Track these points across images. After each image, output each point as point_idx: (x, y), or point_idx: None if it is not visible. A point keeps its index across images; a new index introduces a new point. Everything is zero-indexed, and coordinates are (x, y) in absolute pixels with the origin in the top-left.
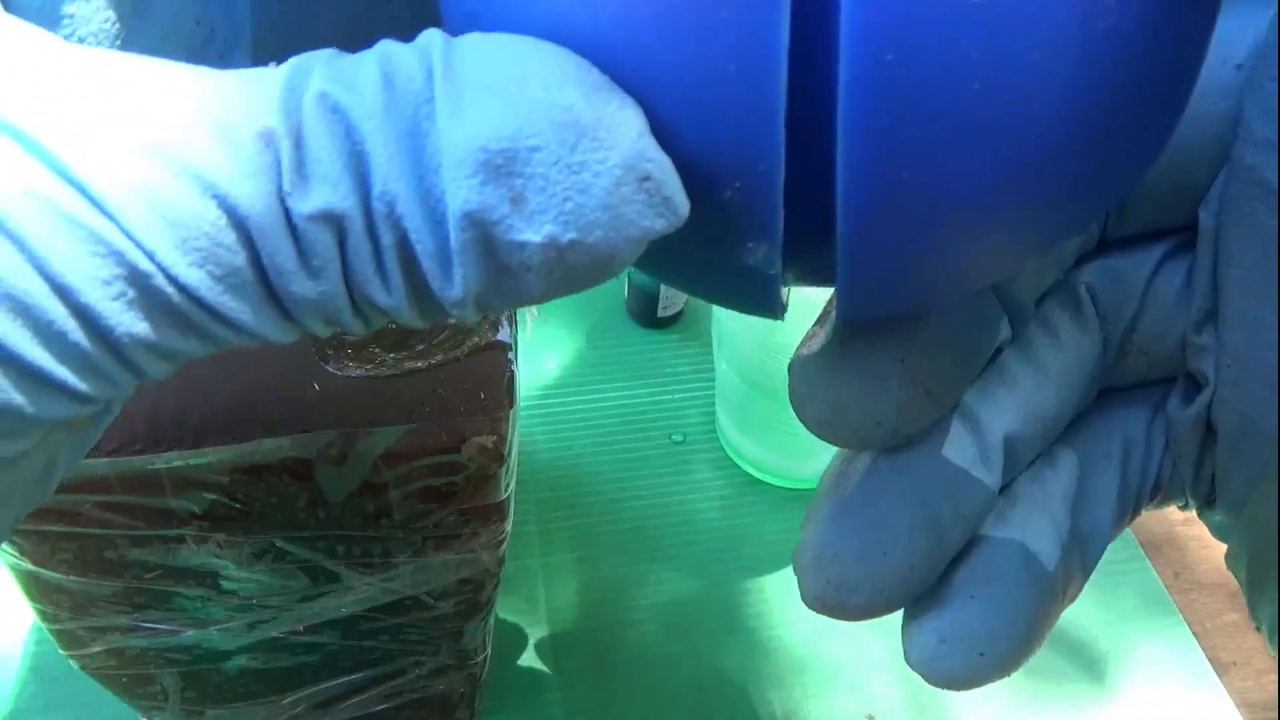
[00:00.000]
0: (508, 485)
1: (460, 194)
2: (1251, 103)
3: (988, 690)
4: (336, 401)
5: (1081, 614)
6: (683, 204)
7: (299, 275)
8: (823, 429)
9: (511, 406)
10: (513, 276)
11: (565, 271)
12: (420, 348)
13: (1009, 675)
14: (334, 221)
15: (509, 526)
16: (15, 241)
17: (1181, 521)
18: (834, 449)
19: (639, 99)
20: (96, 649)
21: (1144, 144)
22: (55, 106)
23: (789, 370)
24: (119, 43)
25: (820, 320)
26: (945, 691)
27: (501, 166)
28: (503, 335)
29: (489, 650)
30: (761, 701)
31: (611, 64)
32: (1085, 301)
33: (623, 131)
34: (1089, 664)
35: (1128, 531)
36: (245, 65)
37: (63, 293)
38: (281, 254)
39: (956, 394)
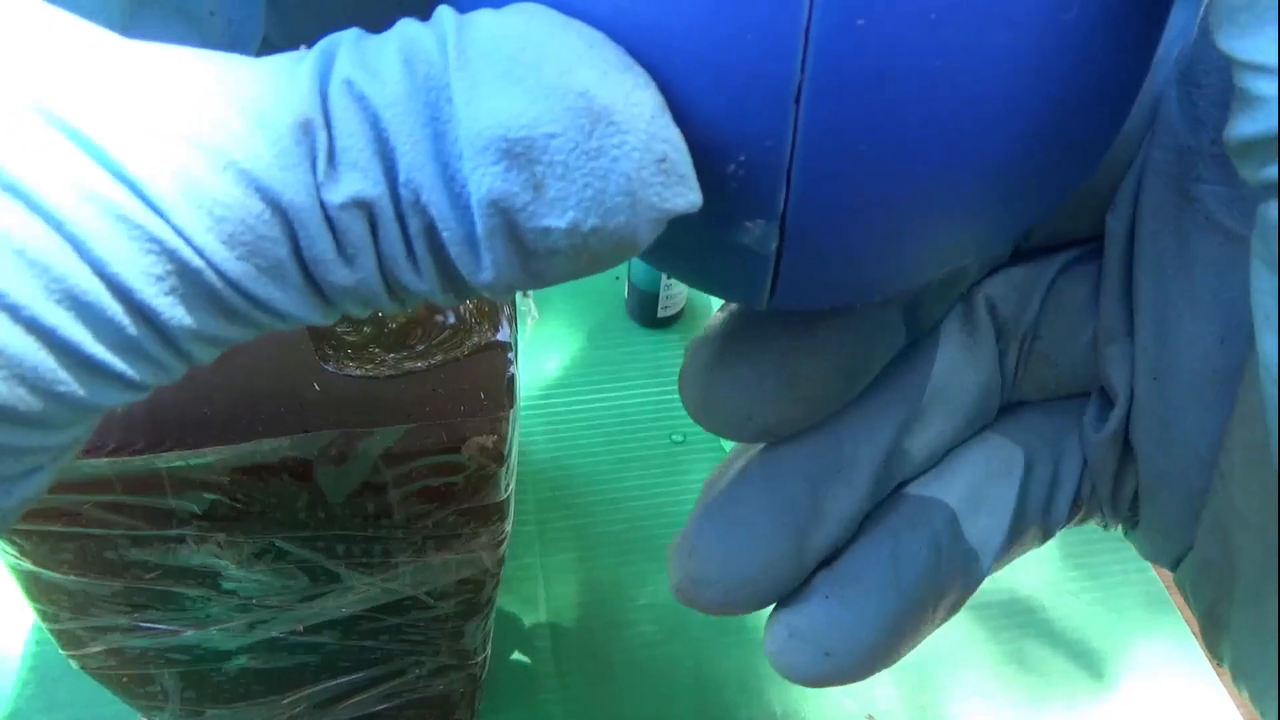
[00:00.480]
0: (508, 485)
1: (482, 182)
2: (1176, 108)
3: (987, 690)
4: (336, 401)
5: (1081, 613)
6: (696, 183)
7: (336, 264)
8: (696, 413)
9: (511, 406)
10: (540, 260)
11: (590, 255)
12: (420, 348)
13: (862, 679)
14: (365, 209)
15: (509, 526)
16: (74, 243)
17: None
18: None
19: (649, 69)
20: (96, 649)
21: (1095, 140)
22: (107, 104)
23: (685, 349)
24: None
25: (724, 306)
26: (945, 692)
27: (521, 154)
28: (503, 335)
29: (489, 650)
30: (761, 701)
31: (623, 33)
32: (981, 314)
33: (638, 113)
34: (1089, 663)
35: None
36: (253, 49)
37: (119, 290)
38: (319, 244)
39: (836, 404)
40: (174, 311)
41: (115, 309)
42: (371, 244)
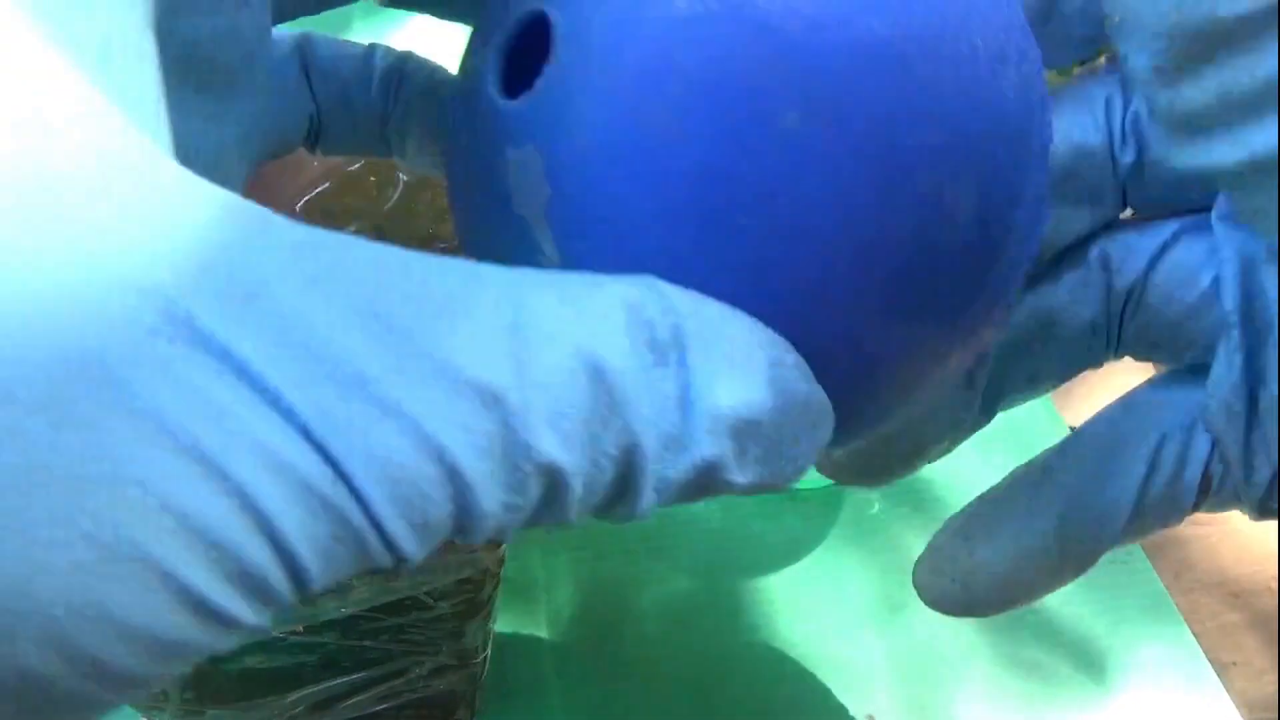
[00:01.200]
0: None
1: (701, 449)
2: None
3: (987, 689)
4: None
5: (1081, 614)
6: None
7: (486, 520)
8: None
9: None
10: (679, 497)
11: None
12: None
13: (992, 614)
14: (552, 475)
15: None
16: (240, 499)
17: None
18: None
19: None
20: None
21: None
22: (282, 329)
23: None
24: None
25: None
26: (945, 692)
27: (743, 431)
28: None
29: (489, 650)
30: (761, 701)
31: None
32: (1094, 268)
33: (826, 414)
34: (1089, 664)
35: None
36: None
37: (280, 549)
38: (488, 502)
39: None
40: (325, 571)
41: (268, 563)
42: (530, 507)
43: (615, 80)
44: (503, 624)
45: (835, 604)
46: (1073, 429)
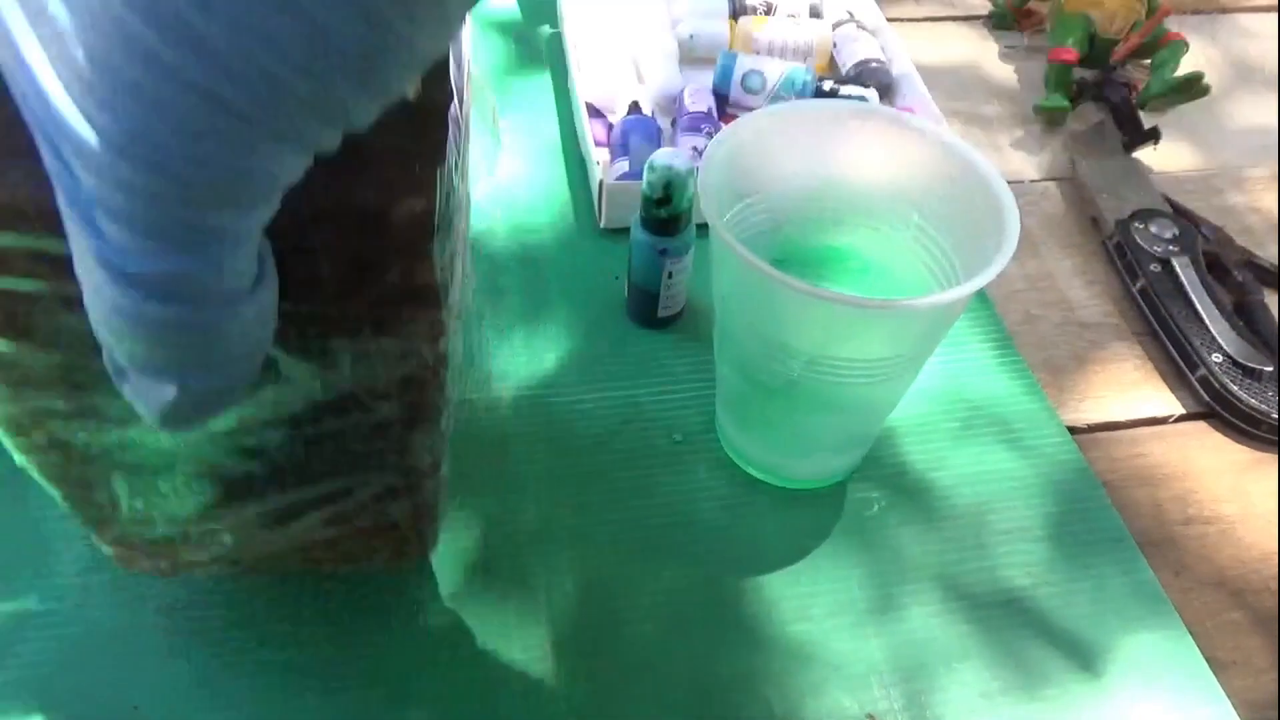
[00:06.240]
0: (441, 267)
1: None
2: None
3: (986, 689)
4: None
5: (1079, 614)
6: None
7: None
8: None
9: (440, 166)
10: None
11: None
12: None
13: None
14: None
15: (445, 317)
16: None
17: (1181, 522)
18: (831, 451)
19: None
20: (39, 438)
21: None
22: None
23: None
24: None
25: None
26: (945, 692)
27: None
28: (452, 110)
29: (439, 479)
30: (761, 701)
31: None
32: None
33: None
34: (1087, 662)
35: (1126, 530)
36: None
37: None
38: None
39: None
40: None
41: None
42: None
43: None
44: (503, 624)
45: (835, 604)
46: (1070, 428)
